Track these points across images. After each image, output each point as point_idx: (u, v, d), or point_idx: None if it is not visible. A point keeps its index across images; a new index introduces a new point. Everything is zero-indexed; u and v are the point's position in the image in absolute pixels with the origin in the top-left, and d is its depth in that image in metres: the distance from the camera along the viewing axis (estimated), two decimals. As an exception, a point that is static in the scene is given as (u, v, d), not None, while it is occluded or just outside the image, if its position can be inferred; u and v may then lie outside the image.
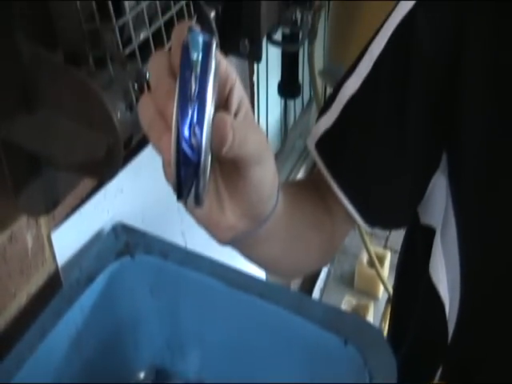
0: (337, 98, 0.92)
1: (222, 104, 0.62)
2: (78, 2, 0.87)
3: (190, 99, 0.54)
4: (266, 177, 0.67)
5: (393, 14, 0.86)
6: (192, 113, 0.53)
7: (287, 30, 1.57)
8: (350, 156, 0.92)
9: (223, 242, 0.72)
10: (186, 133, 0.53)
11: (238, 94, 0.63)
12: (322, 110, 0.95)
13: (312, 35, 1.61)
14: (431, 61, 0.83)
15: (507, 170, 0.84)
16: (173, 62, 0.58)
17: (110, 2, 0.87)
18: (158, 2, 0.95)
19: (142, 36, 0.93)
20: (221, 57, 0.61)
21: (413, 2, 0.83)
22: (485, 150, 0.84)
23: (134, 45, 0.91)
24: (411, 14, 0.84)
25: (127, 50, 0.90)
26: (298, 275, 1.03)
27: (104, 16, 0.88)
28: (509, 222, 0.87)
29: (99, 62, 0.91)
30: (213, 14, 1.15)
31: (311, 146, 0.95)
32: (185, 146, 0.54)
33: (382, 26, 0.88)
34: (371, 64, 0.88)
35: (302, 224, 0.90)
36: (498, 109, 0.82)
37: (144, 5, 0.92)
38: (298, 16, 1.49)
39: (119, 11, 0.89)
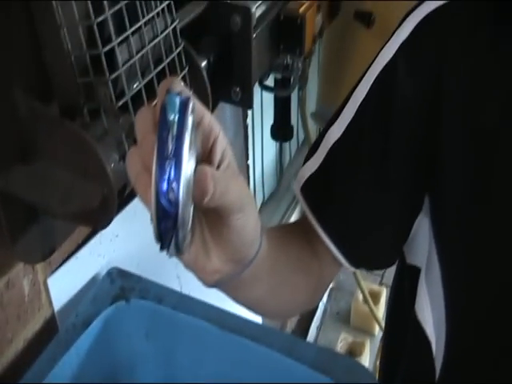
0: (322, 144, 0.95)
1: (206, 155, 0.66)
2: (73, 57, 0.89)
3: (167, 157, 0.57)
4: (248, 223, 0.70)
5: (375, 61, 0.89)
6: (169, 170, 0.57)
7: (279, 76, 1.60)
8: (334, 200, 0.94)
9: (209, 284, 0.74)
10: (164, 189, 0.57)
11: (221, 145, 0.66)
12: (308, 155, 0.97)
13: (303, 80, 1.64)
14: (411, 107, 0.86)
15: (487, 214, 0.86)
16: (157, 118, 0.61)
17: (103, 56, 0.90)
18: (150, 54, 0.97)
19: (135, 86, 0.96)
20: (204, 111, 0.65)
21: (394, 50, 0.86)
22: (465, 195, 0.86)
23: (127, 97, 0.93)
24: (393, 61, 0.87)
25: (120, 102, 0.92)
26: (287, 317, 1.05)
27: (98, 70, 0.91)
28: (491, 264, 0.89)
29: (93, 113, 0.94)
30: (204, 63, 1.18)
31: (297, 189, 0.98)
32: (163, 201, 0.58)
33: (365, 73, 0.91)
34: (354, 110, 0.91)
35: (288, 267, 0.92)
36: (477, 154, 0.84)
37: (137, 58, 0.95)
38: (289, 62, 1.52)
39: (112, 65, 0.92)
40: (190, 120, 0.59)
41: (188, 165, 0.58)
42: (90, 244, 1.28)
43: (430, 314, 0.98)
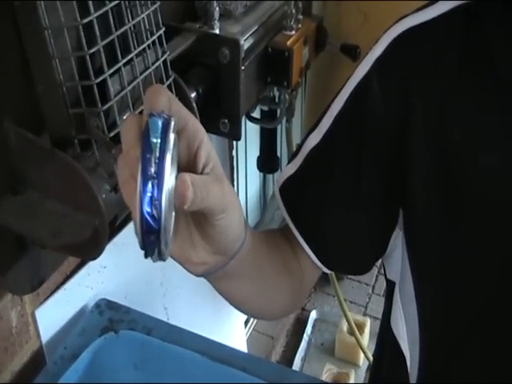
0: (301, 149, 0.97)
1: (192, 158, 0.68)
2: (65, 88, 0.90)
3: (150, 177, 0.61)
4: (231, 222, 0.73)
5: (352, 76, 0.92)
6: (153, 189, 0.61)
7: (265, 108, 1.61)
8: (309, 203, 0.97)
9: (196, 274, 0.78)
10: (148, 207, 0.61)
11: (206, 149, 0.68)
12: (289, 160, 1.00)
13: (290, 113, 1.65)
14: (382, 122, 0.88)
15: (457, 228, 0.87)
16: (143, 127, 0.63)
17: (95, 88, 0.90)
18: (141, 86, 0.98)
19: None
20: (189, 116, 0.67)
21: (369, 65, 0.89)
22: (434, 209, 0.88)
23: (119, 128, 0.93)
24: (367, 77, 0.89)
25: (112, 134, 0.93)
26: (270, 318, 1.08)
27: (89, 101, 0.91)
28: (464, 282, 0.90)
29: (85, 144, 0.94)
30: (194, 95, 1.19)
31: (276, 190, 1.00)
32: (147, 218, 0.61)
33: (342, 87, 0.93)
34: (331, 120, 0.93)
35: (272, 267, 0.94)
36: (443, 171, 0.86)
37: (128, 89, 0.95)
38: (276, 94, 1.53)
39: (104, 96, 0.92)
40: (171, 139, 0.62)
41: (170, 180, 0.62)
42: (78, 275, 1.27)
43: (404, 330, 0.99)
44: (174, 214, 0.65)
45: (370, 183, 0.91)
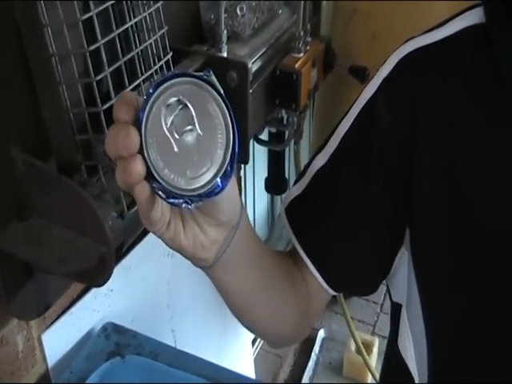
0: (308, 170, 0.97)
1: None
2: (72, 114, 0.89)
3: None
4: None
5: (360, 96, 0.92)
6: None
7: (273, 129, 1.61)
8: (314, 223, 0.97)
9: (207, 262, 0.78)
10: None
11: None
12: (296, 181, 1.00)
13: (298, 135, 1.64)
14: (389, 142, 0.88)
15: (465, 248, 0.87)
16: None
17: (102, 114, 0.90)
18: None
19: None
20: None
21: (376, 86, 0.89)
22: (442, 228, 0.87)
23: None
24: (374, 97, 0.90)
25: (119, 160, 0.92)
26: (275, 339, 1.02)
27: (96, 127, 0.91)
28: (472, 303, 0.89)
29: (91, 171, 0.94)
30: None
31: (282, 210, 1.00)
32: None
33: (350, 108, 0.93)
34: (338, 141, 0.93)
35: (277, 276, 0.94)
36: (450, 189, 0.85)
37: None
38: (284, 116, 1.52)
39: (111, 122, 0.92)
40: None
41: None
42: (84, 299, 1.27)
43: (412, 349, 0.98)
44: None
45: (376, 203, 0.91)
